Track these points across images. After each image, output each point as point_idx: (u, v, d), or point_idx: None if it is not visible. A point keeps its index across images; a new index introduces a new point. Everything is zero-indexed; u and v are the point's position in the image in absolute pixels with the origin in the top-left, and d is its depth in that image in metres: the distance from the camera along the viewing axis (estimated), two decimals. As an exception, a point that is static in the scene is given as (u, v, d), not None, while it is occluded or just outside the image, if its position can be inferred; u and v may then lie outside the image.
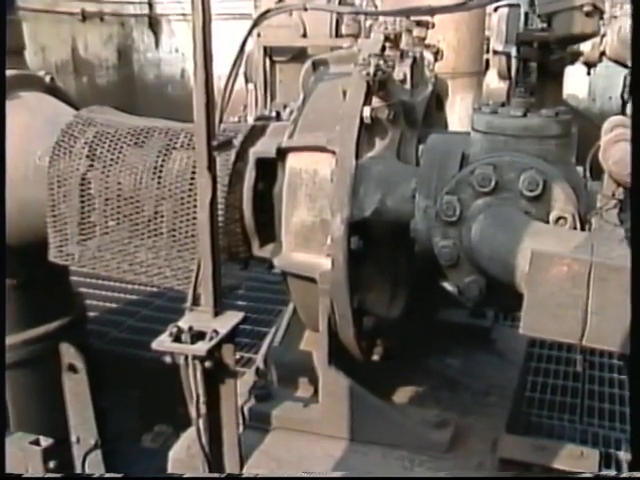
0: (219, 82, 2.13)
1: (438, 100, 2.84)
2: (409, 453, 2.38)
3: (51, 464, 2.48)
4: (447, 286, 3.07)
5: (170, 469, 2.45)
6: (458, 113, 4.51)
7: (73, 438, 3.27)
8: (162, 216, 2.49)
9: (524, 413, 3.45)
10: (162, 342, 2.08)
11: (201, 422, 2.23)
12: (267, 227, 2.50)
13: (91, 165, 2.60)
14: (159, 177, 2.50)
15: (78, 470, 3.26)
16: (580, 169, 2.11)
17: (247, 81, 6.09)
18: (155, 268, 2.56)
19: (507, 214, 2.00)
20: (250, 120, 3.80)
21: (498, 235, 1.94)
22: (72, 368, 3.22)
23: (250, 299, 4.60)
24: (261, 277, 4.83)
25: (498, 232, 1.95)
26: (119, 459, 3.42)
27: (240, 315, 2.21)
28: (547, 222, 1.97)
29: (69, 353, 3.20)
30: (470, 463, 2.35)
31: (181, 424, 2.51)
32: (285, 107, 2.74)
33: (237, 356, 3.32)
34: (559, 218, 1.98)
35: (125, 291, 4.79)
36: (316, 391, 2.50)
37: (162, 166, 2.50)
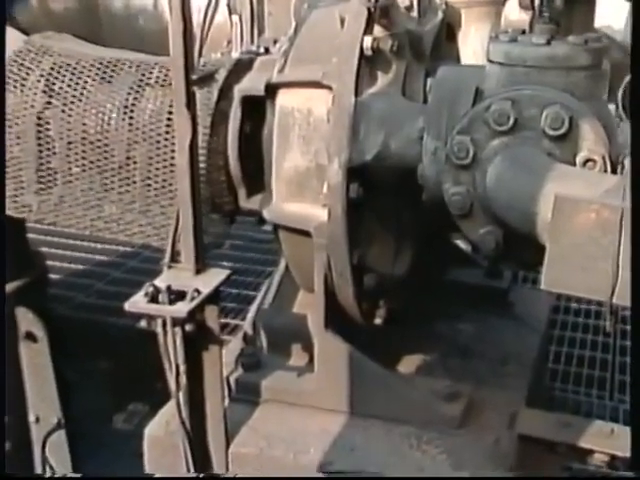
0: (199, 17, 2.13)
1: (449, 30, 2.82)
2: (416, 429, 2.41)
3: (7, 446, 2.50)
4: (459, 243, 3.11)
5: (146, 448, 2.47)
6: (473, 47, 4.48)
7: (31, 417, 3.29)
8: (135, 162, 2.49)
9: (546, 387, 3.50)
10: (136, 303, 2.10)
11: (181, 395, 2.26)
12: (255, 175, 2.50)
13: (49, 102, 2.59)
14: (130, 118, 2.49)
15: (37, 453, 3.29)
16: (612, 106, 2.11)
17: (231, 12, 6.03)
18: (127, 221, 2.57)
19: (527, 156, 2.00)
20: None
21: (517, 179, 1.94)
22: (30, 336, 3.23)
23: (237, 260, 4.63)
24: (249, 235, 4.85)
25: (517, 176, 1.96)
26: (86, 441, 3.46)
27: (225, 273, 2.23)
28: (573, 165, 1.98)
29: (27, 319, 3.21)
30: (485, 440, 2.38)
31: (159, 402, 2.54)
32: (275, 42, 2.73)
33: (222, 322, 3.35)
34: (587, 160, 1.98)
35: (93, 251, 4.81)
36: (311, 359, 2.52)
37: (134, 105, 2.50)
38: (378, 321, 2.55)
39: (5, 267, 2.73)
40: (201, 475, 2.34)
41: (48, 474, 3.27)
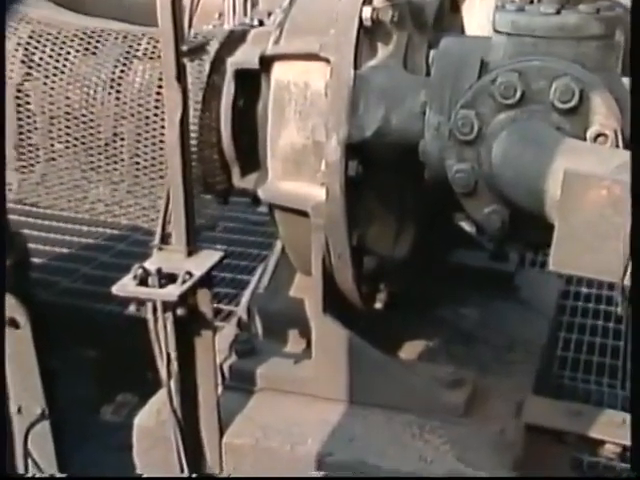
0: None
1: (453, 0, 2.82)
2: (418, 417, 2.43)
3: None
4: (464, 225, 3.12)
5: (135, 439, 2.49)
6: (478, 18, 4.47)
7: (13, 408, 3.29)
8: (122, 139, 2.49)
9: (555, 375, 3.51)
10: (124, 286, 2.11)
11: (172, 383, 2.27)
12: (249, 152, 2.51)
13: (28, 74, 2.58)
14: (117, 92, 2.49)
15: (19, 445, 3.29)
16: (626, 80, 2.11)
17: (223, -17, 6.02)
18: (114, 202, 2.57)
19: (535, 130, 2.00)
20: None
21: (524, 155, 1.94)
22: (13, 323, 3.23)
23: (230, 243, 4.62)
24: (243, 217, 4.85)
25: (524, 152, 1.96)
26: (72, 434, 3.46)
27: (218, 254, 2.24)
28: (584, 140, 1.98)
29: (8, 305, 3.20)
30: (490, 429, 2.40)
31: (149, 392, 2.55)
32: (269, 15, 2.73)
33: (215, 307, 3.36)
34: (599, 135, 1.98)
35: (78, 233, 4.80)
36: (309, 345, 2.54)
37: (121, 78, 2.50)
38: (378, 305, 2.55)
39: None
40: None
41: (30, 467, 3.27)
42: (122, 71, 2.50)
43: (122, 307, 3.77)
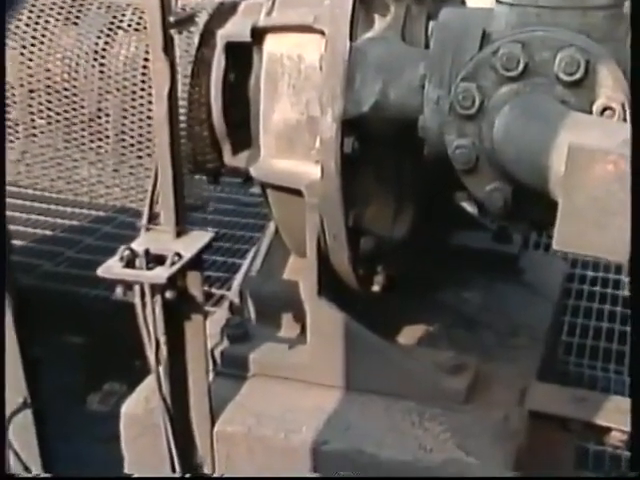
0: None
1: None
2: (418, 405, 2.44)
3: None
4: (465, 205, 3.12)
5: (123, 428, 2.50)
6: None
7: (-6, 397, 3.30)
8: (107, 115, 2.48)
9: (560, 361, 3.53)
10: (110, 268, 2.11)
11: (162, 368, 2.28)
12: (241, 129, 2.51)
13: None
14: (101, 65, 2.48)
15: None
16: (634, 50, 2.11)
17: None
18: (100, 181, 2.57)
19: (539, 104, 2.00)
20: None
21: (527, 130, 1.95)
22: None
23: (222, 225, 4.63)
24: (235, 198, 4.85)
25: (527, 126, 1.96)
26: (56, 424, 3.47)
27: (208, 235, 2.25)
28: (590, 113, 1.98)
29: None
30: (493, 416, 2.41)
31: (137, 380, 2.56)
32: (263, -15, 2.72)
33: (206, 292, 3.36)
34: (605, 108, 1.98)
35: (62, 214, 4.79)
36: (303, 329, 2.54)
37: (105, 50, 2.49)
38: (376, 288, 2.56)
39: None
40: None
41: (11, 458, 3.28)
42: (106, 43, 2.49)
43: (108, 291, 3.79)
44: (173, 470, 2.37)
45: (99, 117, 2.49)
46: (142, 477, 2.51)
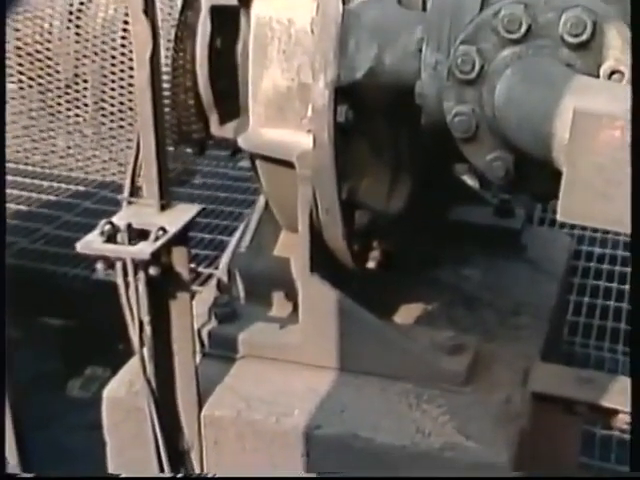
0: None
1: None
2: (415, 386, 2.45)
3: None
4: (465, 179, 3.12)
5: (105, 412, 2.50)
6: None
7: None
8: (85, 80, 2.47)
9: (565, 341, 3.54)
10: (90, 243, 2.11)
11: (146, 350, 2.29)
12: (229, 97, 2.51)
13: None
14: (77, 27, 2.47)
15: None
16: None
17: None
18: (79, 152, 2.57)
19: (543, 67, 2.00)
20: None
21: (530, 95, 1.94)
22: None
23: (209, 200, 4.62)
24: (223, 172, 4.85)
25: (530, 91, 1.96)
26: (35, 411, 3.47)
27: (195, 209, 2.25)
28: (597, 77, 1.98)
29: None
30: (494, 399, 2.42)
31: (120, 365, 2.57)
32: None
33: (193, 269, 3.36)
34: (613, 72, 1.98)
35: (38, 189, 4.76)
36: (295, 308, 2.55)
37: (80, 12, 2.47)
38: (371, 265, 2.57)
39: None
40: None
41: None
42: (82, 3, 2.47)
43: (89, 270, 3.80)
44: (159, 456, 2.37)
45: (76, 83, 2.47)
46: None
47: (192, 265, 2.72)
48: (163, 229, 2.13)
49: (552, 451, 2.48)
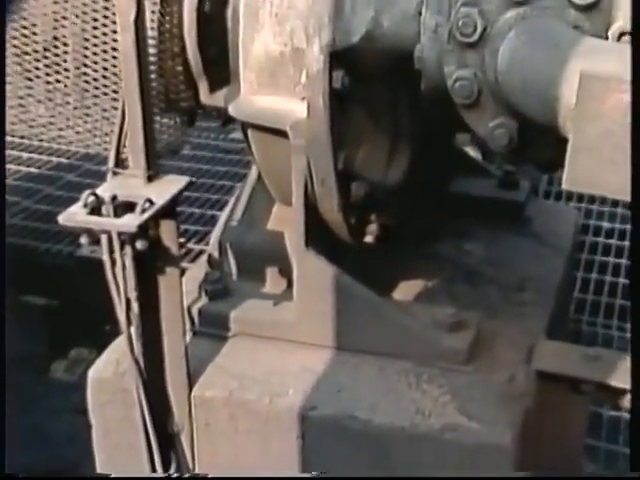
0: None
1: None
2: (415, 365, 2.45)
3: None
4: (467, 149, 3.12)
5: (90, 393, 2.50)
6: None
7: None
8: (65, 44, 2.45)
9: (572, 319, 3.55)
10: (73, 215, 2.10)
11: (133, 329, 2.29)
12: (219, 64, 2.50)
13: None
14: (55, -16, 2.45)
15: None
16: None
17: None
18: (59, 123, 2.55)
19: (548, 29, 1.99)
20: None
21: (535, 58, 1.94)
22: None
23: (199, 174, 4.62)
24: (213, 144, 4.84)
25: (535, 54, 1.95)
26: (16, 395, 3.48)
27: (183, 180, 2.24)
28: (605, 39, 1.98)
29: None
30: (497, 377, 2.43)
31: (107, 346, 2.57)
32: None
33: (182, 243, 3.36)
34: (623, 33, 1.97)
35: (18, 160, 4.75)
36: (289, 284, 2.56)
37: (58, -32, 2.45)
38: (369, 239, 2.56)
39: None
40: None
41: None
42: (59, -41, 2.46)
43: (73, 246, 3.79)
44: (147, 439, 2.38)
45: (56, 46, 2.44)
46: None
47: (181, 240, 2.73)
48: (150, 201, 2.13)
49: (557, 432, 2.49)
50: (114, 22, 2.27)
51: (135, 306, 2.25)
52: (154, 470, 2.41)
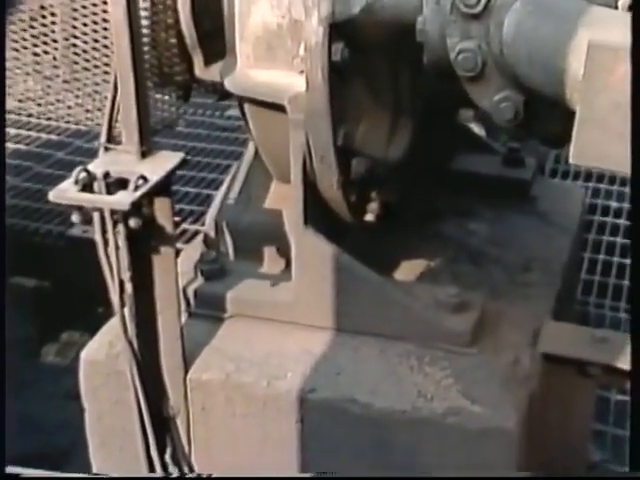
0: None
1: None
2: (417, 347, 2.46)
3: None
4: (472, 126, 3.12)
5: (83, 376, 2.51)
6: None
7: None
8: (53, 14, 2.44)
9: (579, 301, 3.55)
10: (64, 192, 2.10)
11: (127, 310, 2.29)
12: (214, 36, 2.50)
13: None
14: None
15: None
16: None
17: None
18: (49, 96, 2.54)
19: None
20: None
21: (541, 28, 1.93)
22: None
23: (195, 152, 4.62)
24: (209, 121, 4.84)
25: (541, 24, 1.95)
26: (7, 379, 3.48)
27: (178, 156, 2.24)
28: (615, 9, 1.97)
29: None
30: (501, 360, 2.43)
31: (100, 329, 2.57)
32: None
33: (177, 222, 3.36)
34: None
35: (7, 137, 4.73)
36: (288, 264, 2.57)
37: None
38: (370, 217, 2.56)
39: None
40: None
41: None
42: None
43: (64, 226, 3.79)
44: (142, 424, 2.39)
45: (43, 16, 2.43)
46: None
47: (176, 219, 2.73)
48: (144, 177, 2.13)
49: (563, 416, 2.50)
50: (105, -8, 2.27)
51: (129, 287, 2.26)
52: (149, 454, 2.41)
